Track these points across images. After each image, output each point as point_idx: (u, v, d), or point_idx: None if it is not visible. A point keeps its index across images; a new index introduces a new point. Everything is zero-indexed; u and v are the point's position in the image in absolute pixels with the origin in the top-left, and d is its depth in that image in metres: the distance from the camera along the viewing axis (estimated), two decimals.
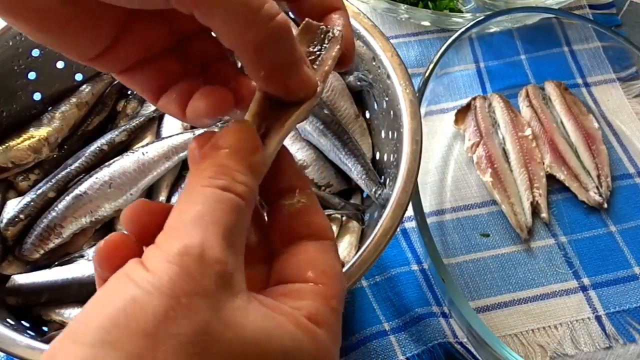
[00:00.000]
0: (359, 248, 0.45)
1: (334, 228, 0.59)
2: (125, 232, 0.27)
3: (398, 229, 0.46)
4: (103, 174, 0.58)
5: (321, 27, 0.31)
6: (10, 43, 0.57)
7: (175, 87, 0.31)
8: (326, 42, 0.30)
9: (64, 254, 0.58)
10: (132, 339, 0.20)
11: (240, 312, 0.23)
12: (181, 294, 0.21)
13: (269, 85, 0.28)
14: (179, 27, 0.31)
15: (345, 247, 0.57)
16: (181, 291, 0.21)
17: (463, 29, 0.73)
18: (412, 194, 0.46)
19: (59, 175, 0.59)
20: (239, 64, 0.35)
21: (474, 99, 0.76)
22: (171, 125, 0.65)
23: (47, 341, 0.43)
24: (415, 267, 0.65)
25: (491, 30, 0.81)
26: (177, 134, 0.62)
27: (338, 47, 0.30)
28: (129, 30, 0.29)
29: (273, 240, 0.29)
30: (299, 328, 0.24)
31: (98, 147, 0.61)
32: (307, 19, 0.31)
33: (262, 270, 0.29)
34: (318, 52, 0.30)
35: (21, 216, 0.57)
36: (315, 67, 0.30)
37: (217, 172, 0.25)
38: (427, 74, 0.70)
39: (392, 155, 0.55)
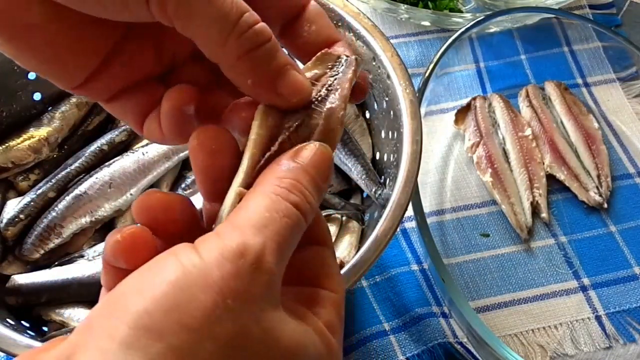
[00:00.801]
0: (359, 248, 0.45)
1: (334, 228, 0.59)
2: (139, 225, 0.26)
3: (398, 229, 0.46)
4: (103, 174, 0.58)
5: (338, 54, 0.30)
6: None
7: (155, 111, 0.30)
8: (343, 67, 0.30)
9: (64, 254, 0.58)
10: (177, 332, 0.20)
11: (278, 322, 0.23)
12: (229, 295, 0.21)
13: (259, 94, 0.28)
14: (167, 53, 0.31)
15: (345, 247, 0.57)
16: (230, 292, 0.21)
17: (463, 29, 0.73)
18: (412, 194, 0.46)
19: (59, 175, 0.59)
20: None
21: (474, 99, 0.76)
22: None
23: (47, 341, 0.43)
24: (415, 267, 0.65)
25: (491, 30, 0.81)
26: None
27: (353, 69, 0.30)
28: (117, 53, 0.29)
29: None
30: (321, 338, 0.25)
31: (98, 147, 0.61)
32: (325, 49, 0.30)
33: None
34: (335, 78, 0.30)
35: (21, 216, 0.57)
36: (331, 90, 0.29)
37: (294, 187, 0.25)
38: (427, 74, 0.70)
39: (392, 155, 0.55)
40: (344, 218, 0.60)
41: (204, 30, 0.25)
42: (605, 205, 0.70)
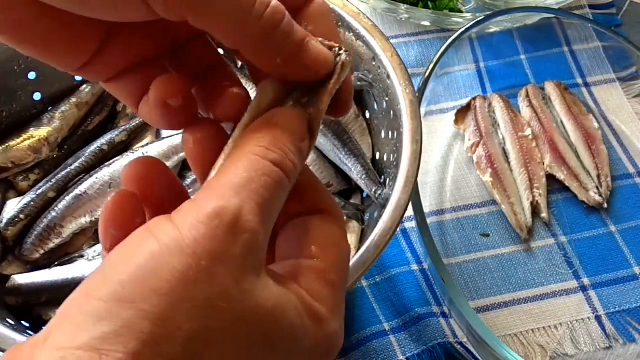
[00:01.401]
0: (359, 248, 0.45)
1: None
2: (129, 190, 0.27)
3: (398, 229, 0.46)
4: (103, 174, 0.58)
5: (333, 48, 0.29)
6: None
7: (147, 95, 0.30)
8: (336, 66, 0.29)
9: (64, 254, 0.58)
10: (147, 298, 0.20)
11: (261, 285, 0.23)
12: (203, 256, 0.21)
13: (288, 71, 0.27)
14: (168, 35, 0.31)
15: None
16: (204, 253, 0.21)
17: (463, 29, 0.73)
18: (412, 194, 0.46)
19: (59, 175, 0.59)
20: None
21: (474, 99, 0.76)
22: None
23: None
24: (415, 267, 0.65)
25: (491, 30, 0.81)
26: (177, 134, 0.62)
27: (339, 75, 0.29)
28: (114, 39, 0.29)
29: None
30: (302, 305, 0.24)
31: (98, 147, 0.61)
32: (320, 39, 0.30)
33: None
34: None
35: (21, 216, 0.57)
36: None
37: (272, 145, 0.25)
38: (427, 74, 0.70)
39: (392, 155, 0.55)
40: (344, 218, 0.60)
41: (222, 21, 0.25)
42: (605, 205, 0.70)
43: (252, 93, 0.29)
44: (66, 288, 0.54)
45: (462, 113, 0.76)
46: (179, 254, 0.21)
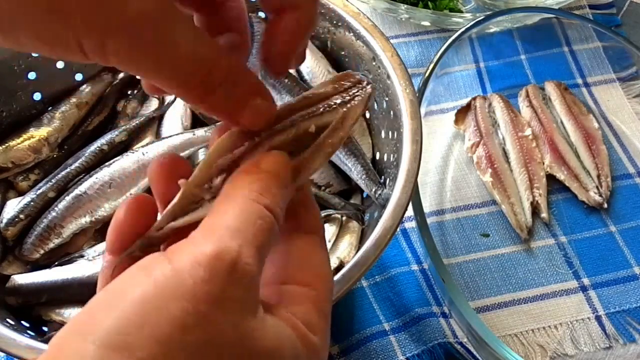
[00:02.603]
0: (359, 248, 0.45)
1: (334, 228, 0.59)
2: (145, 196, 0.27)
3: (398, 229, 0.46)
4: (103, 174, 0.58)
5: (356, 76, 0.30)
6: None
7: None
8: (356, 92, 0.29)
9: (64, 254, 0.58)
10: (145, 345, 0.20)
11: (259, 325, 0.23)
12: (202, 301, 0.21)
13: (225, 121, 0.28)
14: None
15: (345, 247, 0.57)
16: (203, 298, 0.21)
17: (463, 29, 0.73)
18: (412, 194, 0.46)
19: (59, 175, 0.59)
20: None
21: (474, 99, 0.76)
22: (171, 125, 0.65)
23: (47, 341, 0.43)
24: (415, 267, 0.65)
25: (491, 30, 0.81)
26: (176, 134, 0.62)
27: (366, 98, 0.29)
28: None
29: None
30: (298, 337, 0.24)
31: (98, 147, 0.61)
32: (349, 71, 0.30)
33: None
34: (344, 100, 0.29)
35: (21, 216, 0.57)
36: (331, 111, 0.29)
37: (264, 190, 0.25)
38: (427, 74, 0.70)
39: (392, 155, 0.55)
40: (344, 218, 0.60)
41: (163, 77, 0.25)
42: (605, 205, 0.70)
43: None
44: (66, 288, 0.54)
45: (462, 113, 0.76)
46: (177, 298, 0.20)
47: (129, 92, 0.67)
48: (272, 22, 0.29)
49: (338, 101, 0.29)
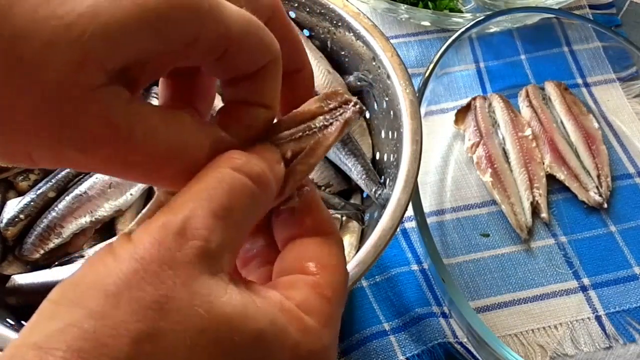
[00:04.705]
0: (359, 248, 0.45)
1: None
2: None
3: (398, 229, 0.46)
4: (103, 174, 0.58)
5: (344, 96, 0.29)
6: None
7: None
8: (339, 114, 0.28)
9: (64, 254, 0.58)
10: (94, 298, 0.21)
11: (214, 289, 0.22)
12: (150, 261, 0.22)
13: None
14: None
15: (345, 247, 0.57)
16: (151, 259, 0.22)
17: (463, 29, 0.73)
18: (412, 194, 0.46)
19: (59, 175, 0.59)
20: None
21: (474, 99, 0.76)
22: None
23: None
24: (415, 267, 0.65)
25: (491, 30, 0.81)
26: None
27: (336, 134, 0.28)
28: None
29: (277, 241, 0.29)
30: (283, 313, 0.24)
31: None
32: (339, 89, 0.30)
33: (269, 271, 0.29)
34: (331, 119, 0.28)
35: (21, 216, 0.57)
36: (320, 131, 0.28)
37: (232, 153, 0.25)
38: (427, 74, 0.70)
39: (392, 155, 0.55)
40: (344, 218, 0.60)
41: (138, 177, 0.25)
42: (605, 205, 0.70)
43: None
44: None
45: (462, 113, 0.76)
46: (128, 260, 0.22)
47: None
48: (285, 85, 0.29)
49: (319, 125, 0.28)
